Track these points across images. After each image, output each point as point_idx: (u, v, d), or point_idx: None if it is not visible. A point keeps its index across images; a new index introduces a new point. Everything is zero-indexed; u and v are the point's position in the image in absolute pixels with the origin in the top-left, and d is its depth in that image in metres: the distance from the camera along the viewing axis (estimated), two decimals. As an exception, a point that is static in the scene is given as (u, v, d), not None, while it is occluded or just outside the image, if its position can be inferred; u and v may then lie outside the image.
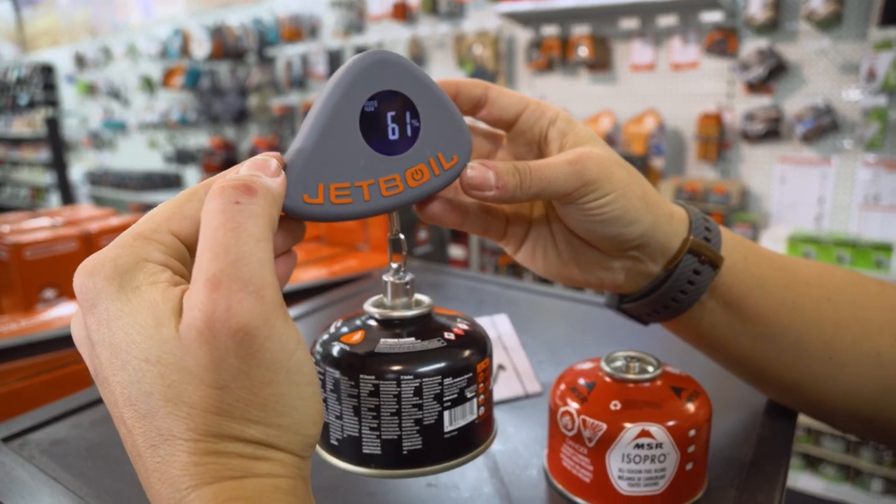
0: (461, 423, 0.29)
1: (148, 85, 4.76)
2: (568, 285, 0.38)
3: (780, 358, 0.38)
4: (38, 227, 1.00)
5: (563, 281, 0.37)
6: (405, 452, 0.29)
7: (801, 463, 2.10)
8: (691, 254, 0.35)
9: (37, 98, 5.75)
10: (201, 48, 3.96)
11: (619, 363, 0.36)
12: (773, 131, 2.14)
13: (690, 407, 0.33)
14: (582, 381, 0.35)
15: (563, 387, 0.36)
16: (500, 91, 0.34)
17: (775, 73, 2.10)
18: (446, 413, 0.29)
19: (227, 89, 4.11)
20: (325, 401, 0.30)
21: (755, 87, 2.15)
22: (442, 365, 0.28)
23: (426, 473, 0.29)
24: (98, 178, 5.14)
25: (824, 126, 2.04)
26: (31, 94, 5.79)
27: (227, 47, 3.93)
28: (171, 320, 0.22)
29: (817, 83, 2.07)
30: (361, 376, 0.28)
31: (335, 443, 0.30)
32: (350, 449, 0.29)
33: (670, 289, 0.35)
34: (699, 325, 0.37)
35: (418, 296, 0.32)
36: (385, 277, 0.31)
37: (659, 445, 0.32)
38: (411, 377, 0.28)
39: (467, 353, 0.29)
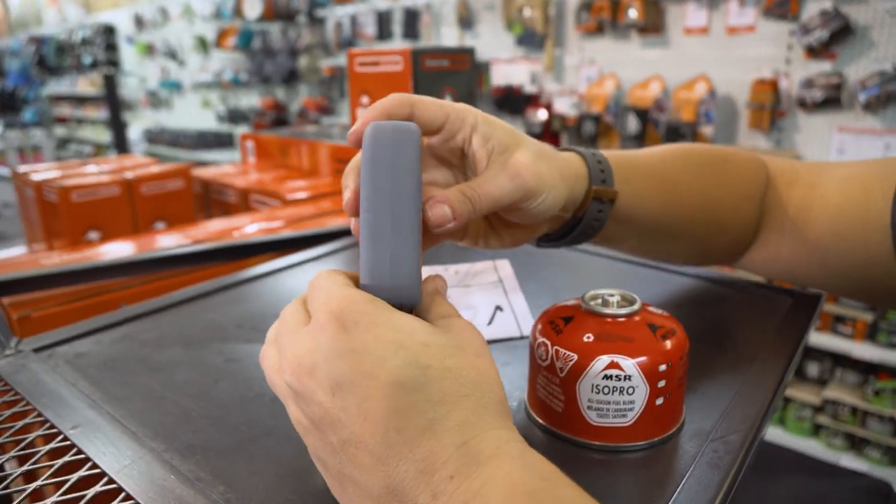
0: None
1: (202, 45, 4.86)
2: None
3: (653, 245, 0.50)
4: (86, 173, 1.06)
5: (504, 248, 0.44)
6: None
7: (845, 444, 2.05)
8: (595, 200, 0.42)
9: (99, 58, 5.94)
10: (253, 9, 4.00)
11: (599, 299, 0.36)
12: (833, 99, 2.04)
13: (664, 343, 0.33)
14: (561, 316, 0.36)
15: (542, 321, 0.36)
16: (422, 105, 0.36)
17: (839, 35, 1.98)
18: None
19: (277, 50, 4.16)
20: None
21: (816, 52, 2.04)
22: None
23: None
24: (154, 137, 5.31)
25: (891, 93, 1.92)
26: (94, 54, 5.98)
27: (278, 8, 3.96)
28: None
29: (887, 47, 1.95)
30: None
31: None
32: None
33: (584, 227, 0.44)
34: (599, 237, 0.47)
35: None
36: None
37: (628, 378, 0.32)
38: None
39: None
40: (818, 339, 1.97)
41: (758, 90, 2.16)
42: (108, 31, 5.94)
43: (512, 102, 2.89)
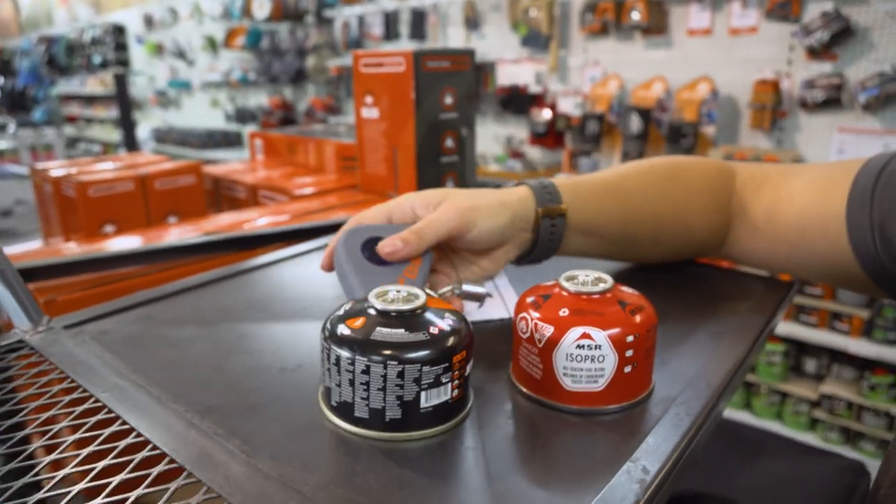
0: (435, 401, 0.35)
1: (211, 45, 4.92)
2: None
3: (624, 251, 0.58)
4: (101, 170, 1.10)
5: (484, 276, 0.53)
6: (387, 420, 0.35)
7: (840, 438, 2.07)
8: (545, 217, 0.51)
9: (109, 58, 6.01)
10: (262, 9, 4.05)
11: (575, 279, 0.40)
12: (833, 99, 2.06)
13: (633, 317, 0.37)
14: (541, 294, 0.40)
15: (524, 298, 0.40)
16: (369, 218, 0.50)
17: (839, 37, 2.01)
18: (423, 393, 0.35)
19: (285, 50, 4.21)
20: (328, 370, 0.36)
21: (817, 53, 2.07)
22: (423, 354, 0.34)
23: (404, 440, 0.35)
24: (163, 136, 5.38)
25: (890, 94, 1.95)
26: (104, 54, 6.06)
27: (286, 8, 4.01)
28: None
29: (887, 48, 1.97)
30: (357, 357, 0.34)
31: (334, 404, 0.37)
32: (345, 411, 0.36)
33: (543, 241, 0.52)
34: (571, 249, 0.55)
35: (414, 290, 0.38)
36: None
37: (598, 347, 0.36)
38: (396, 363, 0.34)
39: (446, 346, 0.35)
40: (815, 335, 2.00)
41: (759, 91, 2.19)
42: (118, 31, 6.02)
43: (517, 102, 2.93)
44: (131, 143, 3.86)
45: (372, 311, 0.36)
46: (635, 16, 2.41)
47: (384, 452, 0.34)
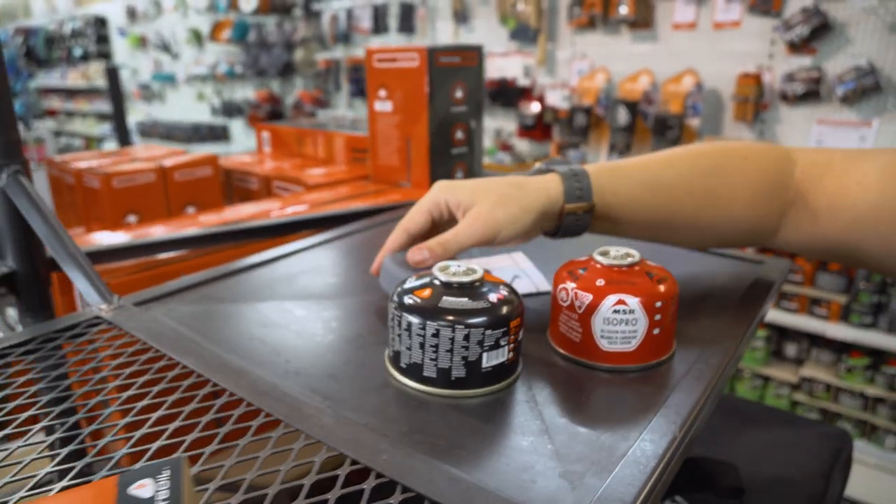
0: (495, 362, 0.40)
1: (196, 38, 4.89)
2: None
3: (657, 236, 0.57)
4: (121, 161, 1.13)
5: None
6: (453, 378, 0.40)
7: (819, 419, 2.17)
8: (570, 214, 0.52)
9: (90, 50, 5.94)
10: (248, 2, 4.05)
11: (607, 254, 0.45)
12: (812, 92, 2.14)
13: (659, 286, 0.43)
14: (577, 267, 0.45)
15: (563, 271, 0.46)
16: (413, 223, 0.53)
17: (818, 32, 2.08)
18: (485, 354, 0.40)
19: (273, 43, 4.21)
20: (398, 336, 0.41)
21: (797, 47, 2.14)
22: (485, 319, 0.39)
23: (466, 396, 0.41)
24: (148, 129, 5.34)
25: (866, 87, 2.03)
26: (85, 46, 5.99)
27: (273, 1, 4.01)
28: None
29: (863, 43, 2.05)
30: (427, 322, 0.39)
31: (403, 366, 0.42)
32: (414, 372, 0.41)
33: (566, 229, 0.54)
34: (597, 230, 0.56)
35: (472, 264, 0.43)
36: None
37: (631, 312, 0.42)
38: (463, 327, 0.39)
39: (504, 313, 0.40)
40: (796, 320, 2.09)
41: (742, 84, 2.26)
42: (100, 23, 5.94)
43: (505, 95, 2.98)
44: (123, 138, 3.84)
45: (437, 283, 0.41)
46: (623, 9, 2.47)
47: (451, 407, 0.40)
